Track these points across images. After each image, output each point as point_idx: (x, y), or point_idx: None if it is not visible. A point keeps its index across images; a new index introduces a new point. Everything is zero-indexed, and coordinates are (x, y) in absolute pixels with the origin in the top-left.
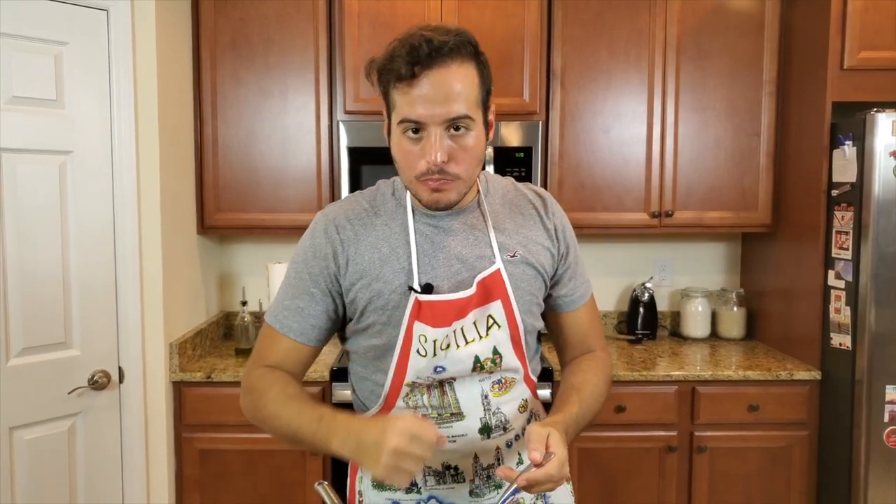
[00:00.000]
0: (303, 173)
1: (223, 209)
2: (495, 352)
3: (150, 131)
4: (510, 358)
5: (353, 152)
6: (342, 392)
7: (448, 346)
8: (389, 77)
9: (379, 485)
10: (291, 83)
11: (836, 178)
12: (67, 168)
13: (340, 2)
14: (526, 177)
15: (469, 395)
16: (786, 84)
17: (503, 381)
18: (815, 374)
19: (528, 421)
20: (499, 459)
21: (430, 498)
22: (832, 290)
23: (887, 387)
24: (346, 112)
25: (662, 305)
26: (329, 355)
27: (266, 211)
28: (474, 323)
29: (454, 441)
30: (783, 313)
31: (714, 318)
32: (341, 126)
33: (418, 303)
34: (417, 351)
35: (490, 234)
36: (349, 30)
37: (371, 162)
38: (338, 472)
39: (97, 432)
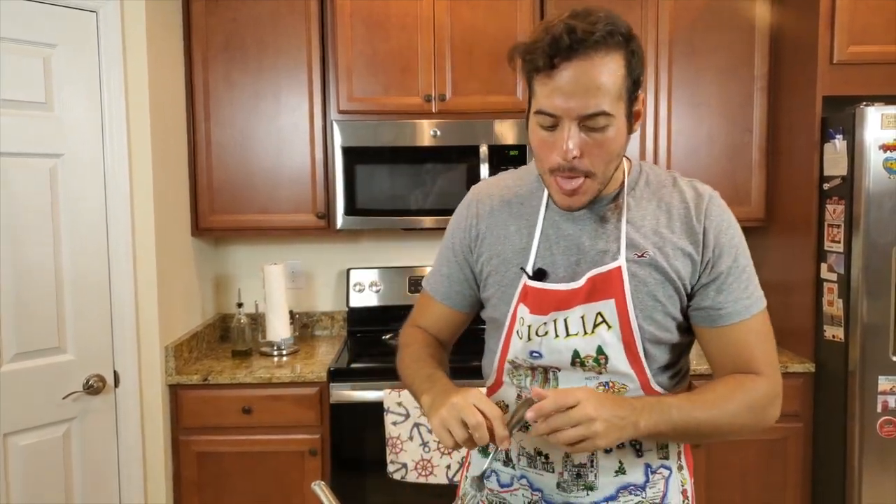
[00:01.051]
0: (297, 174)
1: (217, 211)
2: (600, 352)
3: (143, 133)
4: (619, 362)
5: (348, 152)
6: (339, 392)
7: (546, 333)
8: (529, 66)
9: (483, 450)
10: (285, 84)
11: (827, 172)
12: (58, 171)
13: (333, 2)
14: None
15: (571, 386)
16: (777, 79)
17: (610, 384)
18: (809, 367)
19: None
20: (593, 462)
21: (521, 476)
22: (825, 283)
23: (879, 377)
24: (340, 112)
25: None
26: (327, 355)
27: (261, 212)
28: (581, 317)
29: None
30: (777, 306)
31: None
32: (335, 126)
33: (526, 287)
34: (517, 332)
35: (622, 228)
36: (342, 30)
37: (366, 162)
38: (335, 472)
39: (93, 437)
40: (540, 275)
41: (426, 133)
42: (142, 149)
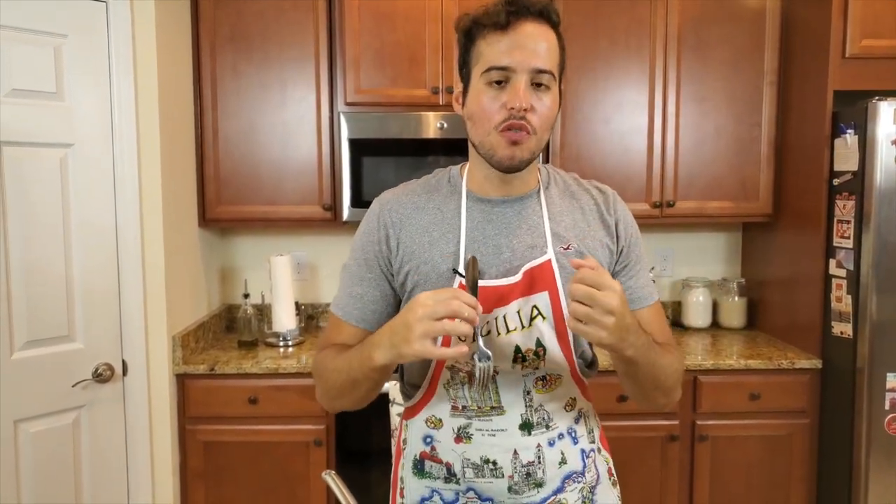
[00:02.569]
0: (304, 165)
1: (224, 202)
2: (539, 344)
3: (151, 124)
4: (555, 352)
5: (355, 144)
6: None
7: (488, 332)
8: (484, 25)
9: (419, 472)
10: (291, 75)
11: (837, 167)
12: (68, 161)
13: None
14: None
15: (510, 389)
16: (787, 73)
17: (547, 377)
18: (816, 363)
19: (576, 421)
20: (539, 458)
21: (468, 489)
22: (833, 279)
23: (888, 374)
24: (347, 104)
25: (664, 296)
26: None
27: (267, 203)
28: (518, 312)
29: (493, 435)
30: (784, 302)
31: (715, 307)
32: (342, 118)
33: (462, 287)
34: (461, 339)
35: (545, 225)
36: (349, 21)
37: (372, 154)
38: (342, 462)
39: (101, 425)
40: None
41: (433, 125)
42: (150, 139)
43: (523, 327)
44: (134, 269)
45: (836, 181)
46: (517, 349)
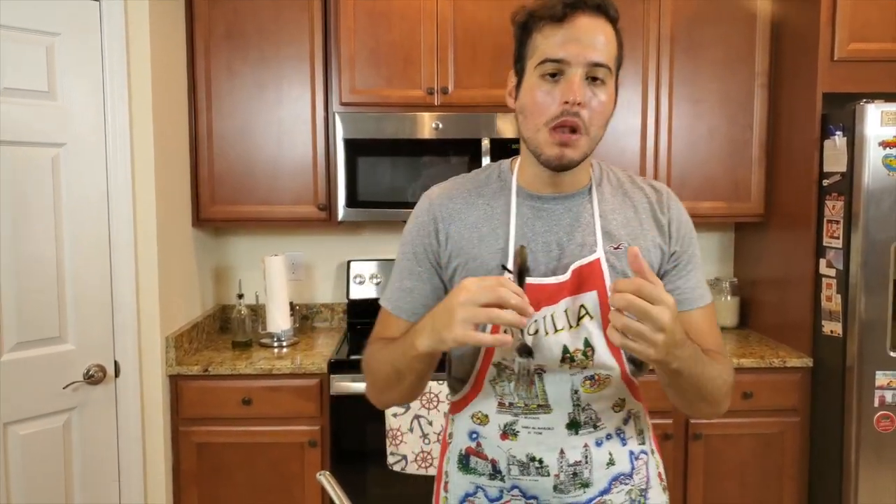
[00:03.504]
0: (298, 165)
1: (218, 202)
2: (587, 344)
3: (145, 123)
4: (603, 352)
5: (350, 144)
6: (339, 384)
7: (536, 331)
8: (540, 18)
9: (464, 467)
10: (286, 74)
11: (827, 168)
12: (61, 160)
13: None
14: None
15: (558, 388)
16: (778, 76)
17: (596, 377)
18: (807, 361)
19: (625, 422)
20: (586, 458)
21: (513, 487)
22: (823, 279)
23: (877, 372)
24: (342, 104)
25: None
26: (327, 347)
27: (262, 203)
28: (566, 311)
29: (540, 433)
30: (776, 302)
31: None
32: (337, 117)
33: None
34: (504, 331)
35: (596, 222)
36: (345, 21)
37: (368, 154)
38: (335, 463)
39: (93, 427)
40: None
41: (428, 126)
42: (144, 138)
43: (571, 327)
44: (127, 270)
45: (825, 182)
46: (565, 349)
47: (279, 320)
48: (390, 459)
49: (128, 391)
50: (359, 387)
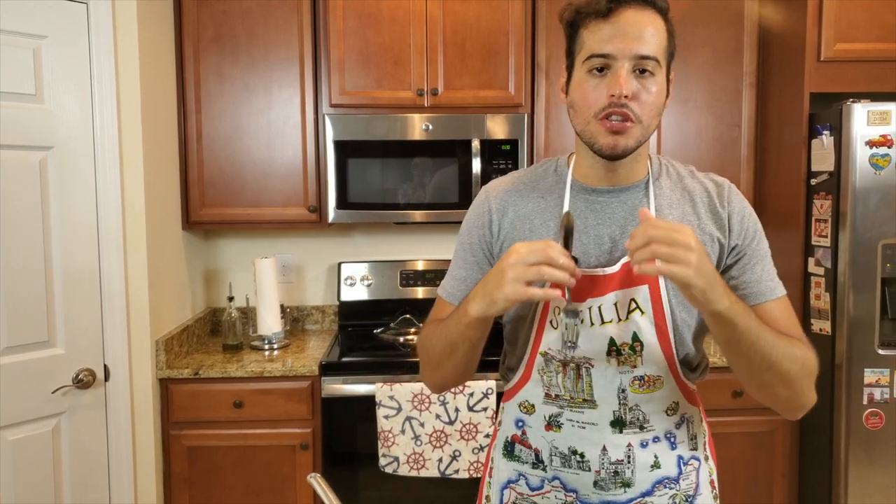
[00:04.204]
0: (288, 167)
1: (208, 204)
2: (635, 338)
3: (133, 126)
4: (653, 348)
5: (340, 145)
6: (331, 386)
7: (581, 321)
8: (586, 14)
9: (509, 454)
10: (276, 77)
11: (814, 168)
12: (48, 164)
13: None
14: (512, 169)
15: (605, 384)
16: (765, 76)
17: (646, 378)
18: None
19: (677, 426)
20: (629, 457)
21: (554, 478)
22: (812, 277)
23: (866, 370)
24: (332, 105)
25: None
26: (318, 349)
27: (252, 206)
28: (615, 304)
29: (584, 427)
30: None
31: None
32: (327, 119)
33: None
34: (550, 322)
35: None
36: (334, 23)
37: (358, 155)
38: (327, 466)
39: (82, 432)
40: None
41: (418, 127)
42: (132, 141)
43: (620, 320)
44: (116, 273)
45: (813, 181)
46: (612, 341)
47: (270, 323)
48: (382, 461)
49: (118, 395)
50: (350, 389)
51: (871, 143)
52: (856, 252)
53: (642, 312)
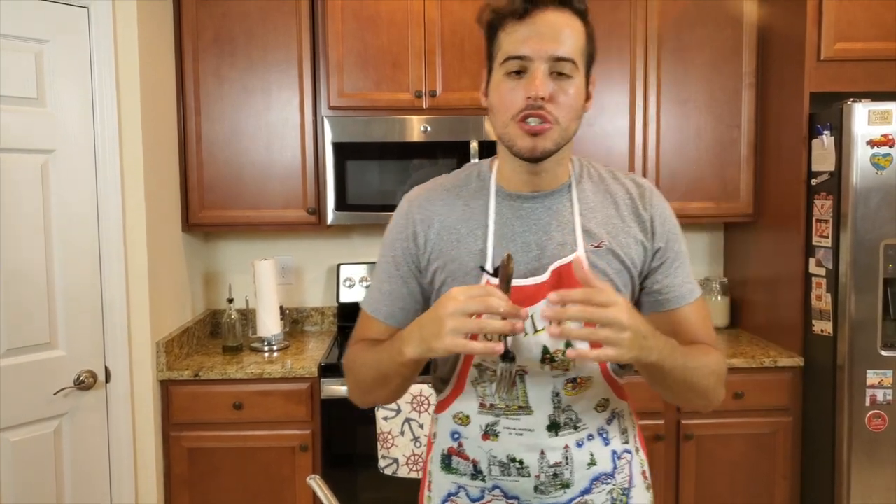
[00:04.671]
0: (287, 169)
1: (208, 206)
2: (567, 344)
3: (134, 129)
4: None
5: (339, 147)
6: (331, 388)
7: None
8: (503, 15)
9: (447, 467)
10: (275, 79)
11: (815, 168)
12: (50, 167)
13: None
14: None
15: (539, 390)
16: (765, 75)
17: (578, 380)
18: (798, 361)
19: (608, 421)
20: (567, 458)
21: (494, 487)
22: (813, 278)
23: (868, 371)
24: (331, 107)
25: None
26: (317, 351)
27: (251, 207)
28: None
29: (521, 434)
30: (766, 301)
31: None
32: (326, 121)
33: (489, 284)
34: (489, 338)
35: (576, 221)
36: (333, 25)
37: (357, 157)
38: (326, 467)
39: (84, 433)
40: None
41: (416, 129)
42: (133, 144)
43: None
44: (117, 275)
45: (814, 181)
46: (545, 349)
47: (269, 324)
48: (381, 463)
49: (118, 397)
50: None
51: (872, 143)
52: (857, 252)
53: None
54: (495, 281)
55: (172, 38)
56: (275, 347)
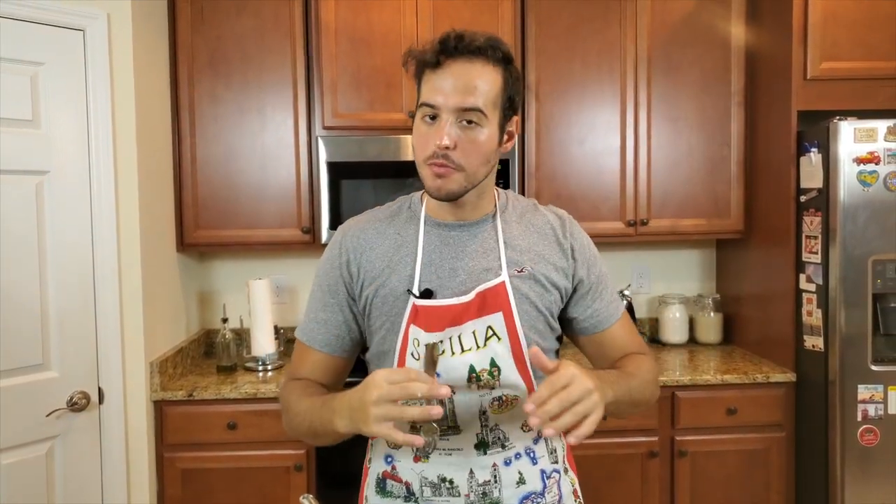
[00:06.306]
0: (282, 189)
1: (202, 226)
2: (493, 364)
3: (129, 150)
4: (510, 373)
5: (333, 167)
6: None
7: (443, 352)
8: (421, 64)
9: (381, 490)
10: (270, 100)
11: (804, 185)
12: (44, 188)
13: (317, 18)
14: (503, 188)
15: (466, 409)
16: (753, 94)
17: (504, 398)
18: (790, 376)
19: (535, 441)
20: (495, 477)
21: None
22: (804, 294)
23: (859, 386)
24: (325, 128)
25: (641, 312)
26: None
27: (246, 227)
28: (473, 332)
29: (450, 454)
30: (758, 317)
31: (692, 323)
32: (320, 141)
33: (415, 307)
34: (412, 354)
35: (500, 248)
36: (326, 46)
37: (351, 176)
38: (321, 487)
39: (76, 455)
40: (427, 294)
41: (410, 148)
42: (128, 165)
43: (478, 347)
44: (111, 296)
45: (803, 198)
46: (471, 368)
47: (264, 344)
48: None
49: (112, 418)
50: None
51: (858, 160)
52: (846, 268)
53: (499, 339)
54: (422, 302)
55: (167, 59)
56: (269, 367)
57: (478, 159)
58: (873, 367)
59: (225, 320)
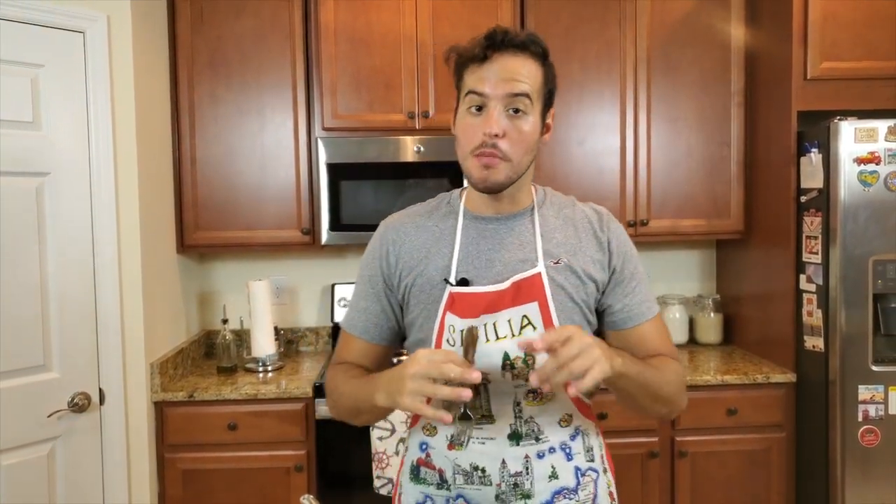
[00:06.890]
0: (282, 190)
1: (202, 227)
2: (527, 355)
3: (129, 151)
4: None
5: (333, 168)
6: (325, 408)
7: (477, 338)
8: (466, 59)
9: (415, 477)
10: (269, 101)
11: (804, 185)
12: (45, 189)
13: (317, 20)
14: None
15: (501, 399)
16: (753, 94)
17: (539, 391)
18: (791, 377)
19: (572, 437)
20: (527, 469)
21: (458, 496)
22: (804, 294)
23: (860, 387)
24: (325, 129)
25: None
26: (312, 371)
27: (245, 228)
28: (508, 321)
29: (483, 443)
30: (758, 317)
31: (692, 324)
32: (320, 142)
33: (452, 295)
34: (447, 341)
35: (537, 241)
36: (326, 47)
37: (350, 177)
38: (321, 488)
39: (77, 456)
40: (463, 283)
41: (410, 149)
42: (128, 167)
43: (513, 335)
44: (111, 297)
45: (803, 198)
46: (506, 356)
47: (264, 345)
48: (377, 483)
49: (113, 419)
50: None
51: (858, 160)
52: (846, 268)
53: (534, 328)
54: (458, 290)
55: (167, 60)
56: (269, 368)
57: (523, 148)
58: (874, 368)
59: (225, 321)
